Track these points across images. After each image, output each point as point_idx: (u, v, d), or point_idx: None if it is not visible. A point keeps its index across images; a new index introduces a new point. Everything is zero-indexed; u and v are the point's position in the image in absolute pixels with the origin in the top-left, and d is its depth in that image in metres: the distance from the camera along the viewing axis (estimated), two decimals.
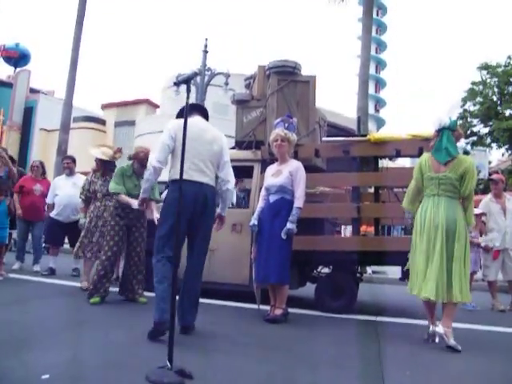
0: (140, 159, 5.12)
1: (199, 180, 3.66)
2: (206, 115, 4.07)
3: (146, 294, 5.02)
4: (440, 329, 3.67)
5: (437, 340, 3.69)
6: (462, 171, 3.78)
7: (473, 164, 3.87)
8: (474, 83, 22.82)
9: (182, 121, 3.15)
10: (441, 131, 3.91)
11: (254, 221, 4.59)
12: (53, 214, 6.97)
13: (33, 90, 31.45)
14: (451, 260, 3.69)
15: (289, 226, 4.37)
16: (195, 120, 3.78)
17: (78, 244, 5.73)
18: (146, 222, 5.19)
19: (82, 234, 5.76)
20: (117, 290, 5.20)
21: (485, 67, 22.45)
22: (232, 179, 3.91)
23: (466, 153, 4.03)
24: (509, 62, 21.75)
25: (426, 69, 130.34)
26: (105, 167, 5.83)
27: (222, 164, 3.85)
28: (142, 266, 5.11)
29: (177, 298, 3.26)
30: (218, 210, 3.95)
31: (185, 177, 3.25)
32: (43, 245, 7.83)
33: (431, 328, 3.79)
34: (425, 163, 3.94)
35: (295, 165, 4.60)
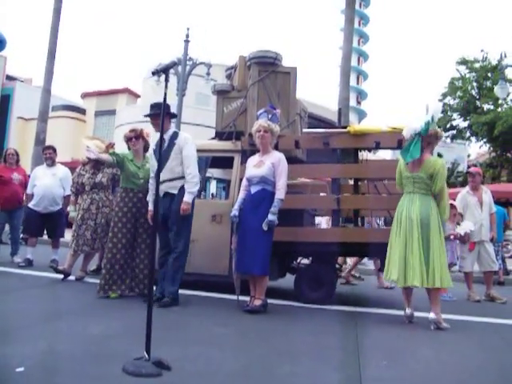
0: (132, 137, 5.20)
1: None
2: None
3: None
4: (432, 316, 4.08)
5: (432, 327, 4.07)
6: (431, 172, 4.22)
7: (443, 166, 4.28)
8: (453, 78, 23.06)
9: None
10: (414, 135, 4.29)
11: (234, 211, 4.58)
12: (31, 205, 6.85)
13: (9, 78, 30.78)
14: (429, 250, 4.11)
15: (270, 217, 4.37)
16: None
17: (71, 238, 5.72)
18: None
19: (73, 227, 5.75)
20: (98, 281, 5.16)
21: (463, 62, 22.69)
22: None
23: (440, 155, 4.43)
24: (485, 57, 22.01)
25: (408, 62, 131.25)
26: (96, 160, 5.79)
27: None
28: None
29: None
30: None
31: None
32: (21, 235, 7.71)
33: (408, 310, 4.26)
34: (403, 164, 4.37)
35: (277, 156, 4.59)
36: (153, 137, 4.85)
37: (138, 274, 4.88)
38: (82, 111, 30.29)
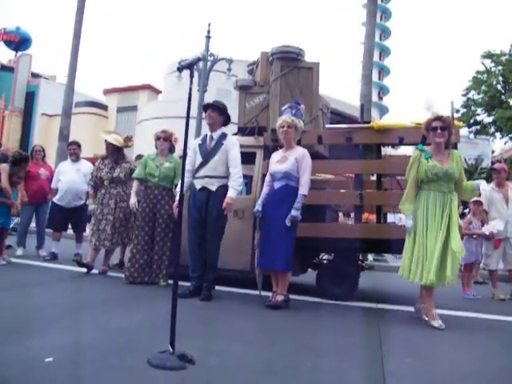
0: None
1: None
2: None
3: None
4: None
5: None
6: None
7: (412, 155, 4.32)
8: (478, 72, 22.63)
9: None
10: None
11: (258, 207, 4.58)
12: (55, 199, 6.99)
13: (34, 75, 31.34)
14: None
15: (293, 213, 4.36)
16: None
17: (90, 232, 5.85)
18: (170, 209, 5.21)
19: (92, 221, 5.85)
20: (120, 275, 5.28)
21: (489, 56, 22.24)
22: None
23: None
24: None
25: (431, 56, 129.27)
26: (118, 154, 5.94)
27: None
28: (167, 252, 5.21)
29: None
30: None
31: None
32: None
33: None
34: None
35: (301, 151, 4.57)
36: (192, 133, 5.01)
37: (156, 261, 5.19)
38: (104, 107, 30.66)
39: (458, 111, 22.28)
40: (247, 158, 5.51)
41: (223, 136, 4.80)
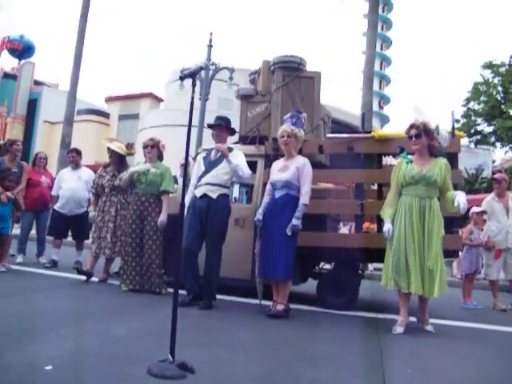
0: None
1: None
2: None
3: None
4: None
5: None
6: None
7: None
8: (477, 83, 22.70)
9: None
10: None
11: (258, 216, 4.59)
12: (57, 207, 7.00)
13: (37, 82, 31.50)
14: None
15: (294, 222, 4.36)
16: None
17: (92, 240, 5.86)
18: (157, 216, 5.23)
19: (93, 228, 5.88)
20: (118, 283, 5.29)
21: (488, 66, 22.31)
22: None
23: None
24: None
25: (431, 67, 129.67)
26: (121, 162, 5.96)
27: None
28: (158, 260, 5.18)
29: None
30: None
31: None
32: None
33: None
34: None
35: (302, 161, 4.59)
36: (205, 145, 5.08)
37: (146, 270, 5.18)
38: (106, 115, 30.76)
39: (458, 121, 22.30)
40: (248, 166, 5.53)
41: (229, 149, 4.87)
